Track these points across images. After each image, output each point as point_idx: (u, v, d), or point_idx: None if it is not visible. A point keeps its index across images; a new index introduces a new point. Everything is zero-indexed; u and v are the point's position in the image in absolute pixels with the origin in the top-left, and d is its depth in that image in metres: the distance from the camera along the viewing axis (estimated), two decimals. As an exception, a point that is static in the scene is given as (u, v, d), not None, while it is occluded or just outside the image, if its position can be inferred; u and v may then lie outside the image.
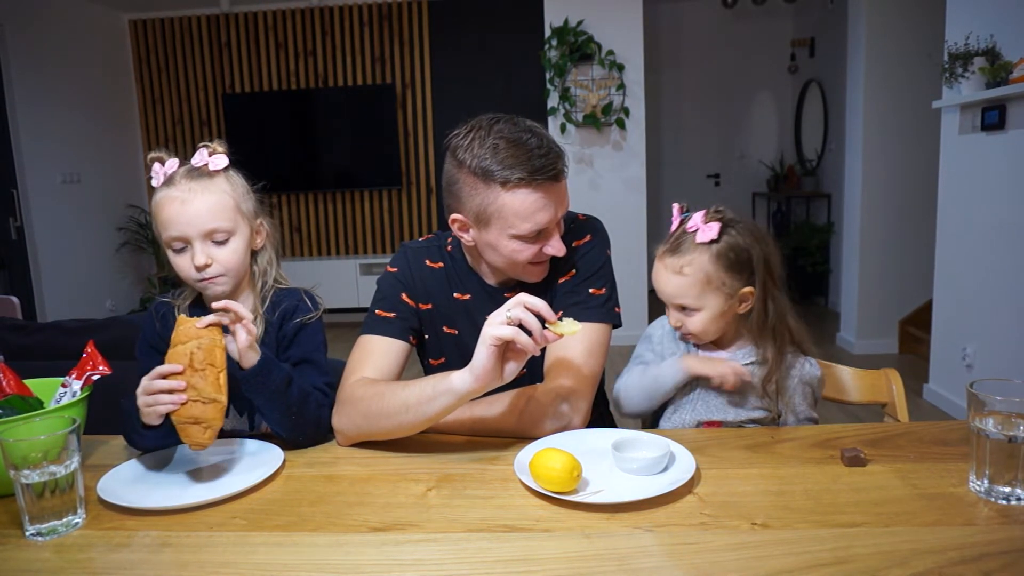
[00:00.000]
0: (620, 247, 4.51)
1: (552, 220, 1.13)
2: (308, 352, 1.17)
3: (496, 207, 1.10)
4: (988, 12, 2.86)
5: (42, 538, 0.86)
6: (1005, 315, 2.82)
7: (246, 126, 5.40)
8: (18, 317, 2.90)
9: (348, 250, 5.70)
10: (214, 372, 0.99)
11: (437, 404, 1.02)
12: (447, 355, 1.30)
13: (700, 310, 1.17)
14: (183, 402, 0.97)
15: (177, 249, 1.10)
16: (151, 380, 0.99)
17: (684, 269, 1.16)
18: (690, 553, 0.78)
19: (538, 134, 1.11)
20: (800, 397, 1.19)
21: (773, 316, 1.18)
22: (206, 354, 0.99)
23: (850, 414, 2.97)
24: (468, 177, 1.11)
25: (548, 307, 0.96)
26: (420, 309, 1.27)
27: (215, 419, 0.98)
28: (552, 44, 4.44)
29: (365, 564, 0.79)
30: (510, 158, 1.08)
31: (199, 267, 1.09)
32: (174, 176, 1.11)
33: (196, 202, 1.08)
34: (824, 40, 5.63)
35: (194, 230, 1.08)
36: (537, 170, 1.08)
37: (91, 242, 5.04)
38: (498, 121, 1.12)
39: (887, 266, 4.20)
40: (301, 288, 1.22)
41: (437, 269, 1.29)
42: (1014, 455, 0.85)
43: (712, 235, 1.14)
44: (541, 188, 1.09)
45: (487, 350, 0.96)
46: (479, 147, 1.09)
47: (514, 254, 1.14)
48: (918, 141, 4.00)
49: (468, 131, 1.12)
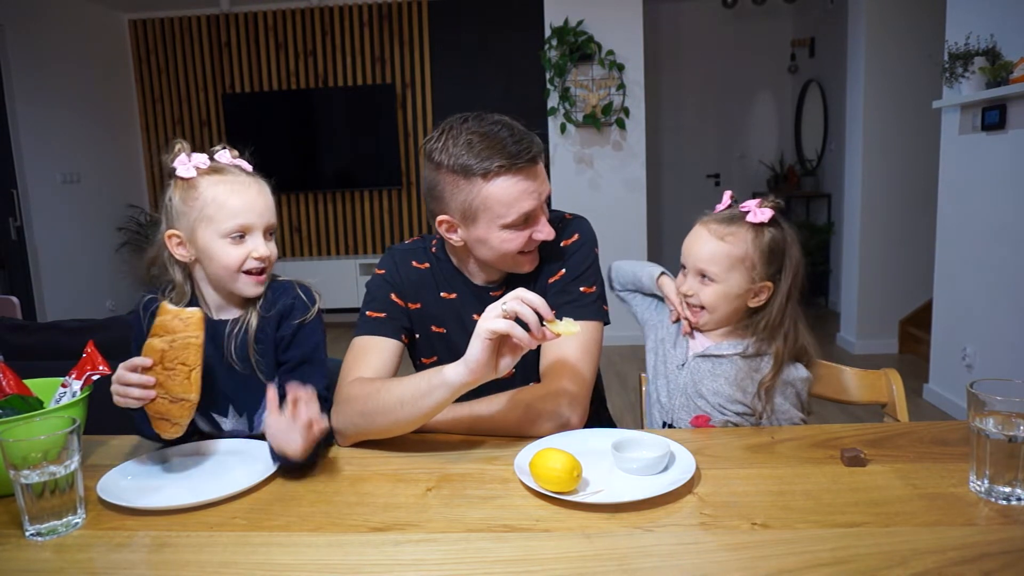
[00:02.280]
0: (620, 247, 4.55)
1: (537, 204, 1.15)
2: (308, 353, 1.16)
3: (480, 200, 1.12)
4: (988, 12, 2.85)
5: (42, 538, 0.86)
6: (1005, 315, 2.82)
7: (246, 126, 5.40)
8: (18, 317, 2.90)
9: (348, 250, 5.70)
10: (185, 371, 0.99)
11: (433, 398, 1.02)
12: (438, 354, 1.31)
13: (720, 283, 1.18)
14: (151, 399, 0.99)
15: (236, 238, 1.10)
16: (124, 371, 1.00)
17: (727, 237, 1.18)
18: (690, 553, 0.78)
19: (507, 124, 1.14)
20: (781, 397, 1.19)
21: (788, 323, 1.19)
22: (178, 351, 0.99)
23: (850, 414, 2.97)
24: (448, 176, 1.13)
25: (546, 304, 0.97)
26: (409, 308, 1.28)
27: (182, 417, 1.01)
28: (552, 44, 4.44)
29: (365, 564, 0.79)
30: (486, 150, 1.10)
31: (262, 258, 1.10)
32: (222, 168, 1.11)
33: (263, 194, 1.12)
34: (824, 40, 5.63)
35: (261, 220, 1.11)
36: (514, 155, 1.10)
37: (91, 242, 5.04)
38: (467, 119, 1.14)
39: (887, 266, 4.20)
40: (296, 281, 1.20)
41: (423, 270, 1.30)
42: (1014, 455, 0.85)
43: (763, 218, 1.17)
44: (521, 172, 1.12)
45: (481, 343, 0.96)
46: (453, 146, 1.12)
47: (504, 244, 1.16)
48: (918, 141, 3.99)
49: (440, 134, 1.15)
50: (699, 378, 1.21)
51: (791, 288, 1.18)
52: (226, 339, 1.14)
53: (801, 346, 1.21)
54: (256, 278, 1.12)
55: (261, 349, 1.15)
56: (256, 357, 1.14)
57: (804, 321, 1.21)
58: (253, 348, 1.14)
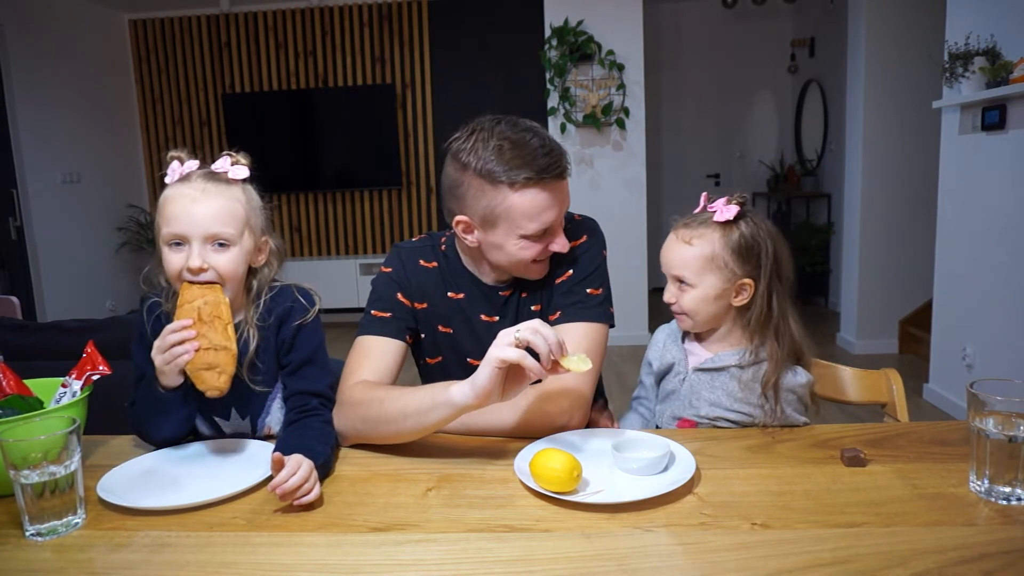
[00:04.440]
0: (620, 247, 4.55)
1: (557, 218, 1.15)
2: (309, 354, 1.16)
3: (504, 208, 1.12)
4: (988, 12, 2.85)
5: (42, 538, 0.86)
6: (1005, 315, 2.82)
7: (246, 126, 5.40)
8: (18, 317, 2.90)
9: (348, 250, 5.70)
10: (221, 323, 1.03)
11: (435, 415, 1.02)
12: (443, 354, 1.30)
13: (696, 287, 1.18)
14: (197, 349, 1.01)
15: (174, 245, 1.08)
16: (163, 338, 1.02)
17: (693, 241, 1.17)
18: (690, 553, 0.78)
19: (539, 134, 1.13)
20: (783, 403, 1.19)
21: (777, 316, 1.18)
22: (212, 307, 1.03)
23: (850, 414, 2.97)
24: (474, 180, 1.12)
25: (561, 343, 0.96)
26: (416, 308, 1.27)
27: (228, 364, 1.03)
28: (552, 44, 4.44)
29: (365, 564, 0.79)
30: (516, 159, 1.09)
31: (193, 269, 1.06)
32: (191, 175, 1.10)
33: (207, 203, 1.06)
34: (824, 40, 5.63)
35: (198, 230, 1.06)
36: (543, 169, 1.10)
37: (91, 242, 5.04)
38: (499, 122, 1.13)
39: (887, 266, 4.20)
40: (293, 285, 1.19)
41: (431, 269, 1.29)
42: (1014, 455, 0.85)
43: (728, 216, 1.16)
44: (548, 187, 1.11)
45: (491, 370, 0.95)
46: (483, 149, 1.11)
47: (520, 252, 1.16)
48: (918, 141, 3.99)
49: (470, 134, 1.13)
50: (698, 390, 1.21)
51: (771, 282, 1.17)
52: None
53: (796, 343, 1.20)
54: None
55: (263, 357, 1.14)
56: (258, 365, 1.14)
57: (796, 317, 1.20)
58: (254, 359, 1.13)
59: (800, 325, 1.20)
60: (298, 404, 1.13)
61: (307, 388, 1.14)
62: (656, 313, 1.11)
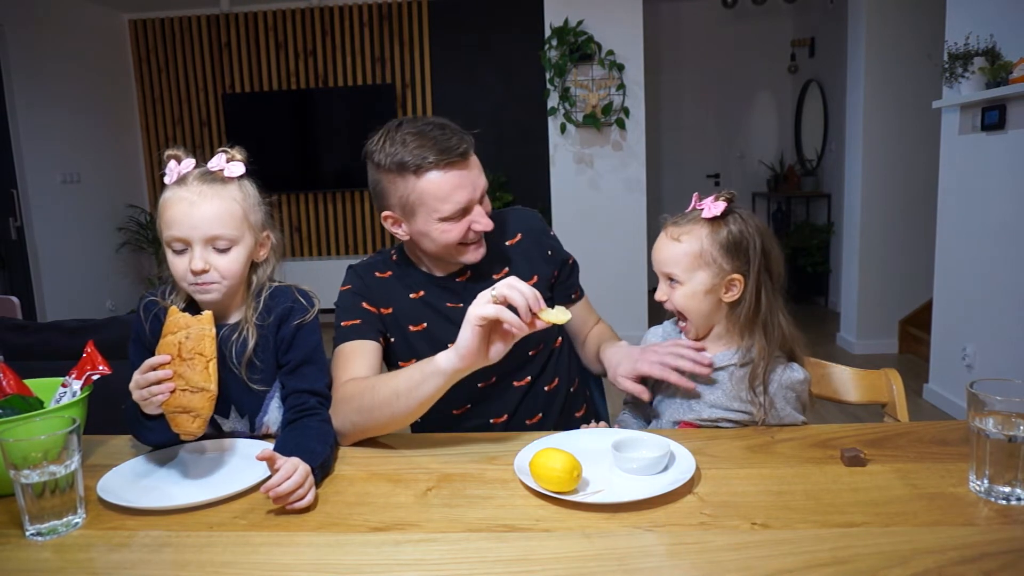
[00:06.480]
0: (620, 247, 4.56)
1: (471, 198, 1.20)
2: (308, 353, 1.16)
3: (416, 194, 1.18)
4: (988, 12, 2.86)
5: (42, 538, 0.86)
6: (1005, 315, 2.82)
7: (246, 126, 5.40)
8: (18, 317, 2.90)
9: (348, 250, 5.70)
10: (203, 361, 0.99)
11: (427, 387, 1.04)
12: (419, 353, 1.30)
13: (686, 284, 1.18)
14: (171, 391, 0.97)
15: (177, 250, 1.09)
16: (141, 374, 0.99)
17: (682, 237, 1.18)
18: (690, 553, 0.78)
19: (440, 124, 1.20)
20: (783, 401, 1.19)
21: (765, 311, 1.18)
22: (195, 343, 0.99)
23: (850, 414, 2.97)
24: (386, 175, 1.21)
25: (537, 294, 0.99)
26: (382, 314, 1.30)
27: (204, 408, 0.98)
28: (552, 44, 4.44)
29: (365, 564, 0.79)
30: (418, 148, 1.17)
31: (196, 271, 1.07)
32: (187, 176, 1.10)
33: (204, 206, 1.07)
34: (824, 40, 5.63)
35: (197, 233, 1.07)
36: (443, 151, 1.16)
37: (91, 242, 5.04)
38: (402, 122, 1.21)
39: (887, 266, 4.20)
40: (293, 285, 1.20)
41: (387, 278, 1.33)
42: (1014, 455, 0.85)
43: (716, 212, 1.17)
44: (452, 167, 1.17)
45: (472, 329, 0.98)
46: (390, 146, 1.19)
47: (444, 235, 1.21)
48: (918, 141, 3.99)
49: (379, 137, 1.22)
50: (695, 392, 1.21)
51: (759, 277, 1.17)
52: (226, 343, 1.14)
53: (787, 339, 1.20)
54: (202, 287, 1.10)
55: (262, 356, 1.15)
56: (257, 363, 1.14)
57: (786, 312, 1.20)
58: (252, 357, 1.14)
59: (791, 321, 1.20)
60: (297, 403, 1.13)
61: (306, 387, 1.14)
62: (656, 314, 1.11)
